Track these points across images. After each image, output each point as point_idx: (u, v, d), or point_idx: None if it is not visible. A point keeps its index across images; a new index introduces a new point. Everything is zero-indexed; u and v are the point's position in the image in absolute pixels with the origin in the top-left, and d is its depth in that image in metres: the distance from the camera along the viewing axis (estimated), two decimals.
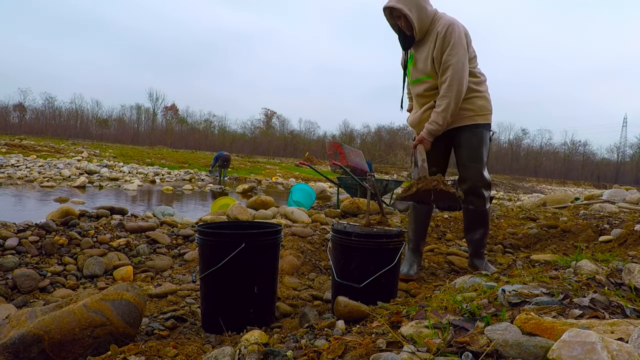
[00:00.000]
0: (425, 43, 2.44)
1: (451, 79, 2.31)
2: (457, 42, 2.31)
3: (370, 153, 48.17)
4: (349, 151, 8.71)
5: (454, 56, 2.30)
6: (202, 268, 1.74)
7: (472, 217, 2.56)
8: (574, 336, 0.74)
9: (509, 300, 1.13)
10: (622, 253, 2.15)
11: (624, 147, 64.25)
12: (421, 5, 2.38)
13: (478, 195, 2.49)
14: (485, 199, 2.52)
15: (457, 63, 2.30)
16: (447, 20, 2.37)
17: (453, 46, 2.30)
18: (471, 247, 2.64)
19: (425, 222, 2.71)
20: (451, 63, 2.31)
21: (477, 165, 2.47)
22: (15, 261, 2.57)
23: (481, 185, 2.48)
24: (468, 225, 2.61)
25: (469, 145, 2.47)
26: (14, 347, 1.23)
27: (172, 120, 65.56)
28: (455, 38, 2.31)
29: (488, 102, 2.52)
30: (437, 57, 2.36)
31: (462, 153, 2.50)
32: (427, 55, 2.41)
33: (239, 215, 4.00)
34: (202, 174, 17.58)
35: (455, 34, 2.31)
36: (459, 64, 2.31)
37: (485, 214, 2.54)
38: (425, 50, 2.43)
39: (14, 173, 11.88)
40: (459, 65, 2.31)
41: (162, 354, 1.25)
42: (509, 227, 4.15)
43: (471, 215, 2.56)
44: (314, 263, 2.88)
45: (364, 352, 0.95)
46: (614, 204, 5.40)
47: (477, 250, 2.61)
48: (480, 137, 2.48)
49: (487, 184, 2.52)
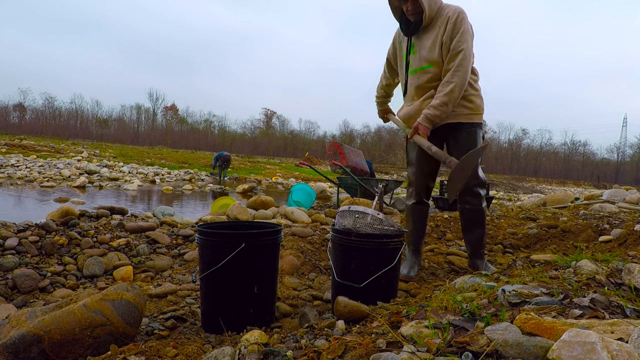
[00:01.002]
0: (431, 29, 2.35)
1: (459, 65, 2.24)
2: (467, 30, 2.27)
3: (370, 153, 48.16)
4: (349, 151, 8.71)
5: (464, 42, 2.24)
6: (202, 268, 1.74)
7: (469, 217, 2.54)
8: (574, 336, 0.74)
9: (509, 300, 1.13)
10: (622, 253, 2.15)
11: (624, 147, 64.33)
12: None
13: (474, 194, 2.48)
14: (481, 197, 2.51)
15: (467, 50, 2.25)
16: (458, 7, 2.32)
17: (464, 33, 2.25)
18: (470, 248, 2.61)
19: (424, 222, 2.69)
20: (462, 49, 2.24)
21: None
22: (15, 261, 2.56)
23: (476, 183, 2.46)
24: (465, 226, 2.59)
25: (465, 145, 2.42)
26: (14, 347, 1.23)
27: (172, 120, 65.61)
28: (466, 26, 2.27)
29: (482, 102, 2.50)
30: (446, 43, 2.28)
31: (458, 152, 2.41)
32: (435, 41, 2.33)
33: (239, 215, 4.00)
34: (202, 174, 17.58)
35: (466, 22, 2.28)
36: (468, 51, 2.25)
37: (482, 212, 2.52)
38: (432, 36, 2.34)
39: (14, 173, 11.88)
40: (468, 52, 2.25)
41: (162, 354, 1.25)
42: (509, 227, 4.15)
43: (467, 215, 2.54)
44: (314, 263, 2.88)
45: (364, 352, 0.95)
46: (614, 204, 5.40)
47: (476, 251, 2.59)
48: (475, 136, 2.44)
49: (482, 183, 2.50)
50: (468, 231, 2.58)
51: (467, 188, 2.47)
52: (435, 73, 2.37)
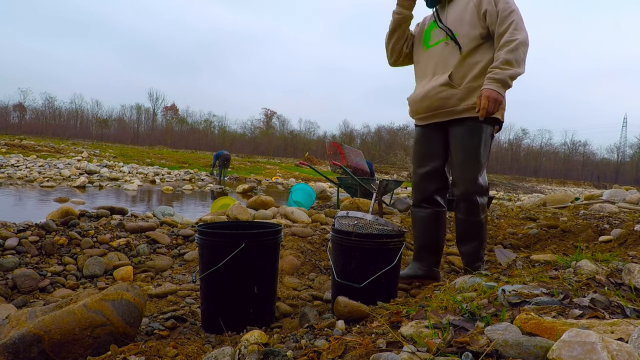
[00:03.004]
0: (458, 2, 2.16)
1: (516, 23, 1.99)
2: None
3: (370, 153, 48.13)
4: (349, 151, 8.71)
5: (512, 4, 2.04)
6: (202, 268, 1.74)
7: (462, 229, 2.23)
8: (574, 336, 0.74)
9: (509, 300, 1.13)
10: (622, 253, 2.15)
11: (624, 147, 64.35)
12: None
13: (470, 202, 2.15)
14: (479, 207, 2.17)
15: (518, 11, 2.03)
16: None
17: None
18: (464, 259, 2.28)
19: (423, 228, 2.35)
20: (513, 9, 2.03)
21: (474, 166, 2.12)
22: (15, 261, 2.56)
23: (474, 190, 2.13)
24: (459, 236, 2.27)
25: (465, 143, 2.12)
26: (14, 347, 1.23)
27: (172, 120, 65.62)
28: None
29: None
30: (489, 9, 2.04)
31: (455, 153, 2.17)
32: (465, 8, 2.11)
33: (239, 215, 4.00)
34: (202, 174, 17.58)
35: None
36: (519, 13, 2.03)
37: (479, 224, 2.18)
38: (461, 3, 2.14)
39: (14, 173, 11.88)
40: (520, 14, 2.03)
41: (162, 354, 1.25)
42: (509, 227, 4.15)
43: (460, 226, 2.23)
44: (314, 263, 2.88)
45: (364, 352, 0.95)
46: (614, 204, 5.40)
47: (471, 263, 2.22)
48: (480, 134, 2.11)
49: (483, 189, 2.16)
50: (461, 242, 2.27)
51: (463, 194, 2.16)
52: (464, 43, 2.09)
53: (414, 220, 2.41)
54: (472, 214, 2.17)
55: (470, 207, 2.17)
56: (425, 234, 2.34)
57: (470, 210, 2.17)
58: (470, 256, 2.24)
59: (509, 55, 1.95)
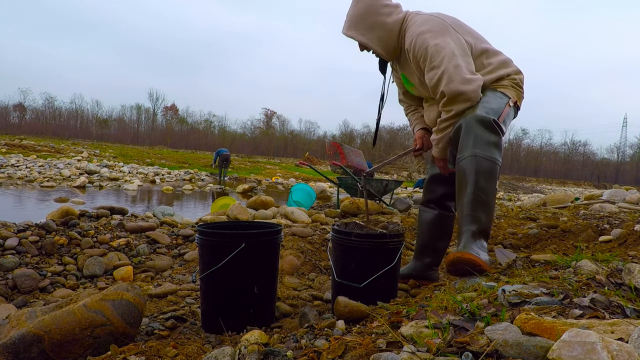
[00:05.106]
0: (405, 59, 2.00)
1: (441, 73, 1.79)
2: (433, 50, 1.81)
3: (370, 153, 48.13)
4: (349, 151, 8.71)
5: (438, 67, 1.80)
6: (202, 268, 1.74)
7: (461, 170, 1.83)
8: (574, 336, 0.74)
9: (509, 300, 1.13)
10: (622, 253, 2.15)
11: (624, 147, 64.39)
12: (377, 22, 1.94)
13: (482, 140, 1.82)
14: (491, 145, 1.85)
15: (446, 71, 1.79)
16: (412, 32, 1.89)
17: (432, 57, 1.81)
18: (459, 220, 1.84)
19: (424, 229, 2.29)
20: (427, 44, 1.80)
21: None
22: (15, 261, 2.56)
23: (489, 123, 1.83)
24: (456, 186, 1.86)
25: None
26: (14, 347, 1.23)
27: (172, 120, 65.67)
28: (430, 47, 1.81)
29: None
30: (422, 79, 1.93)
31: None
32: (413, 73, 2.01)
33: (239, 215, 4.00)
34: (202, 174, 17.58)
35: (425, 41, 1.83)
36: (449, 71, 1.78)
37: (480, 164, 1.78)
38: (409, 67, 2.01)
39: (14, 173, 11.89)
40: (449, 72, 1.79)
41: (162, 354, 1.25)
42: (509, 227, 4.15)
43: (461, 167, 1.83)
44: (314, 263, 2.88)
45: (364, 352, 0.95)
46: (614, 204, 5.40)
47: (463, 222, 1.77)
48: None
49: (493, 127, 1.84)
50: (457, 193, 1.85)
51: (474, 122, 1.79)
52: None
53: (419, 219, 2.39)
54: (480, 150, 1.95)
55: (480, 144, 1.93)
56: (427, 234, 2.31)
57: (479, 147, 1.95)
58: (463, 207, 1.93)
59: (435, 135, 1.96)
